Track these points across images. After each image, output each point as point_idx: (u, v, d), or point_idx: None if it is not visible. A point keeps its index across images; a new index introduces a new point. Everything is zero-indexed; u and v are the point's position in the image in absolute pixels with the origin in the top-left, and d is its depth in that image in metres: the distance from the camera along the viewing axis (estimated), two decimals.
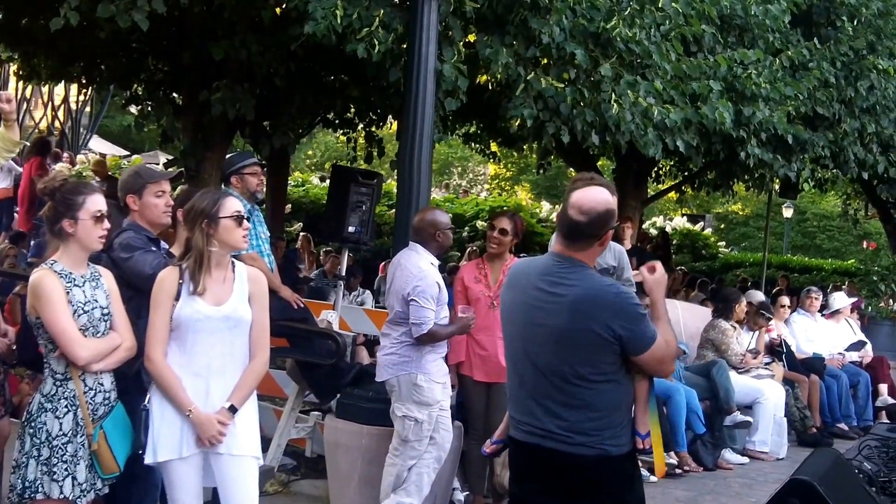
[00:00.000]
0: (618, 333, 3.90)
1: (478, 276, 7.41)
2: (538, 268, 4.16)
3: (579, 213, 3.99)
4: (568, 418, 3.98)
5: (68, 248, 4.70)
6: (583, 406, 3.97)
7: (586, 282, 3.99)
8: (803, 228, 42.49)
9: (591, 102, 8.80)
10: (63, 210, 4.67)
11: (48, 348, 4.62)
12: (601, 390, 3.97)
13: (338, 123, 12.78)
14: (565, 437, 3.98)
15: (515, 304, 4.20)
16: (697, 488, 9.01)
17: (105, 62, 10.82)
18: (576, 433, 3.97)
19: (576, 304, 3.94)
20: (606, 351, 3.94)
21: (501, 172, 43.69)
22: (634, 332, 3.93)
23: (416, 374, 6.48)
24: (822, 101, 12.43)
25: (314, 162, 42.76)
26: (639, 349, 3.96)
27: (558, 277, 4.02)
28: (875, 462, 6.65)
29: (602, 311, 3.91)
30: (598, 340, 3.91)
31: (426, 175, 7.49)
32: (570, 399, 3.98)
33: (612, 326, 3.89)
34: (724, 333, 10.62)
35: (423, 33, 7.33)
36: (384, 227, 19.93)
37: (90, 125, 27.17)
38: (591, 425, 3.97)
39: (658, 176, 17.56)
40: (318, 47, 8.29)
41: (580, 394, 3.96)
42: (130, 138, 31.22)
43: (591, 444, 3.97)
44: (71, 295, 4.59)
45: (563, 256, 4.07)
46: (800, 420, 11.27)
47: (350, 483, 7.00)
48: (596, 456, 3.97)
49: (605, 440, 3.98)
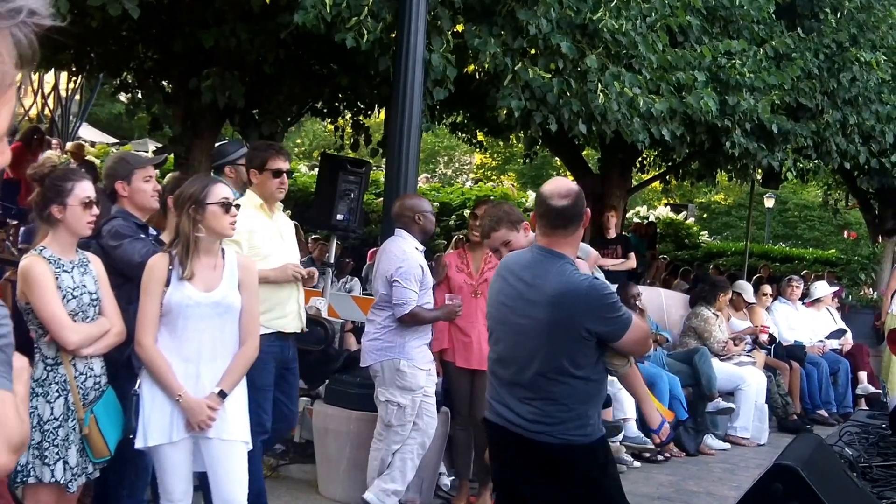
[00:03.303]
0: (594, 331, 4.00)
1: (460, 264, 7.45)
2: (522, 261, 4.25)
3: (560, 197, 4.11)
4: (536, 406, 4.07)
5: (57, 234, 4.71)
6: (552, 399, 4.05)
7: (561, 276, 4.06)
8: (785, 218, 42.56)
9: (577, 92, 8.84)
10: (52, 196, 4.67)
11: (38, 333, 4.63)
12: (573, 386, 4.05)
13: (325, 112, 12.79)
14: (529, 425, 4.07)
15: (500, 294, 4.29)
16: (680, 473, 9.10)
17: (95, 50, 10.79)
18: (541, 422, 4.05)
19: (553, 298, 4.03)
20: (582, 346, 4.03)
21: (487, 162, 43.66)
22: (608, 324, 4.03)
23: (399, 359, 6.53)
24: (805, 91, 12.53)
25: (302, 150, 42.64)
26: (615, 337, 4.05)
27: (540, 270, 4.11)
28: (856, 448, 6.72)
29: (576, 307, 4.00)
30: (575, 336, 4.00)
31: (414, 164, 7.53)
32: (541, 390, 4.06)
33: (587, 325, 3.98)
34: (706, 321, 10.71)
35: (412, 23, 7.36)
36: (372, 214, 19.94)
37: (80, 113, 26.98)
38: (557, 416, 4.05)
39: (642, 166, 17.64)
40: (307, 36, 8.29)
41: (552, 387, 4.04)
42: (120, 126, 31.02)
43: (554, 434, 4.04)
44: (60, 280, 4.60)
45: (544, 249, 4.16)
46: (781, 406, 11.38)
47: (338, 468, 7.06)
48: (560, 445, 4.05)
49: (571, 430, 4.05)
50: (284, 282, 6.05)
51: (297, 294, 6.19)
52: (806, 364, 12.02)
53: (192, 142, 9.91)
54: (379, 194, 19.78)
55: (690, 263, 23.98)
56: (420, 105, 7.57)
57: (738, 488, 8.41)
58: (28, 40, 1.26)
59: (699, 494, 8.52)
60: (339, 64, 10.14)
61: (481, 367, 7.11)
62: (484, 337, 7.09)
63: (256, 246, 5.97)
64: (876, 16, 13.95)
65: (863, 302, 16.60)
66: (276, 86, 10.41)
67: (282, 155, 6.18)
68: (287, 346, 6.14)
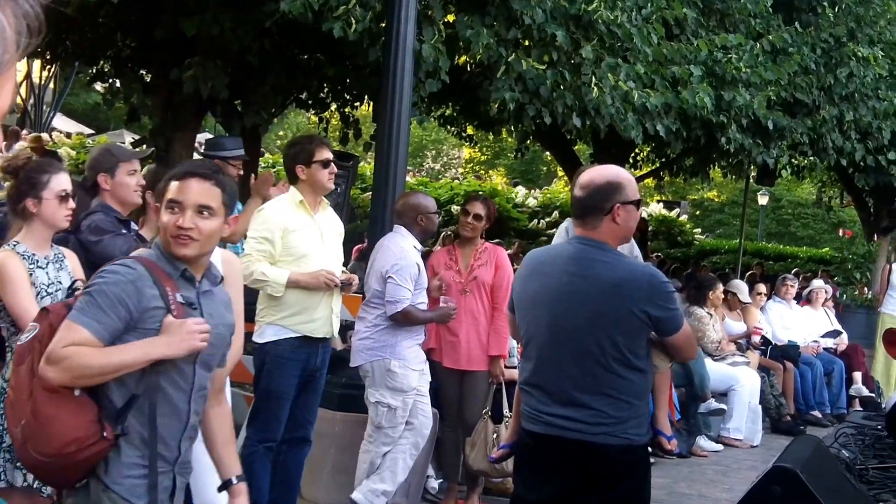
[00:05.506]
0: (654, 315, 3.92)
1: (448, 262, 7.31)
2: (565, 254, 4.15)
3: (578, 188, 4.07)
4: (595, 406, 3.94)
5: (32, 228, 4.58)
6: (611, 394, 3.95)
7: (620, 263, 4.02)
8: (778, 216, 42.71)
9: (571, 86, 8.79)
10: (26, 189, 4.55)
11: (10, 331, 4.49)
12: (630, 379, 3.96)
13: (311, 104, 12.64)
14: (591, 427, 3.95)
15: (545, 292, 4.12)
16: (672, 475, 9.00)
17: (70, 37, 10.57)
18: (602, 422, 3.94)
19: (612, 286, 3.95)
20: (641, 334, 3.97)
21: (476, 156, 43.60)
22: (669, 312, 3.97)
23: (389, 359, 6.37)
24: (802, 87, 12.50)
25: (285, 143, 42.47)
26: (672, 328, 3.99)
27: (590, 260, 4.01)
28: (851, 450, 6.62)
29: (637, 293, 3.93)
30: (635, 323, 3.92)
31: (403, 158, 7.40)
32: (599, 386, 3.95)
33: (648, 309, 3.91)
34: (699, 321, 10.58)
35: (402, 12, 7.21)
36: (358, 210, 19.81)
37: (54, 103, 26.73)
38: (617, 415, 3.95)
39: (635, 161, 17.56)
40: (293, 24, 8.15)
41: (610, 381, 3.95)
42: (96, 117, 30.80)
43: (616, 434, 3.95)
44: (34, 277, 4.48)
45: (584, 238, 4.06)
46: (774, 407, 11.30)
47: (322, 470, 6.92)
48: (620, 445, 3.96)
49: (630, 429, 3.97)
50: (317, 288, 5.92)
51: (331, 299, 6.03)
52: (800, 364, 11.94)
53: (172, 134, 9.73)
54: (365, 189, 19.66)
55: (683, 261, 23.90)
56: (410, 97, 7.44)
57: (730, 490, 8.36)
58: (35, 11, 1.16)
59: (691, 497, 8.45)
60: (326, 54, 10.01)
61: (469, 367, 7.02)
62: (472, 336, 7.01)
63: (291, 246, 5.87)
64: (874, 10, 13.96)
65: (858, 301, 16.54)
66: (260, 76, 10.24)
67: (325, 144, 6.11)
68: (315, 353, 5.98)
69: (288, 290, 5.82)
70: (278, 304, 5.87)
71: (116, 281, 3.18)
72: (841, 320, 13.93)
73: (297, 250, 5.88)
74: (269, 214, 5.95)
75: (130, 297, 3.16)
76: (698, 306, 10.71)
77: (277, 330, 5.90)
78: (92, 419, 3.14)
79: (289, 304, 5.86)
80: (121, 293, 3.15)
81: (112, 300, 3.14)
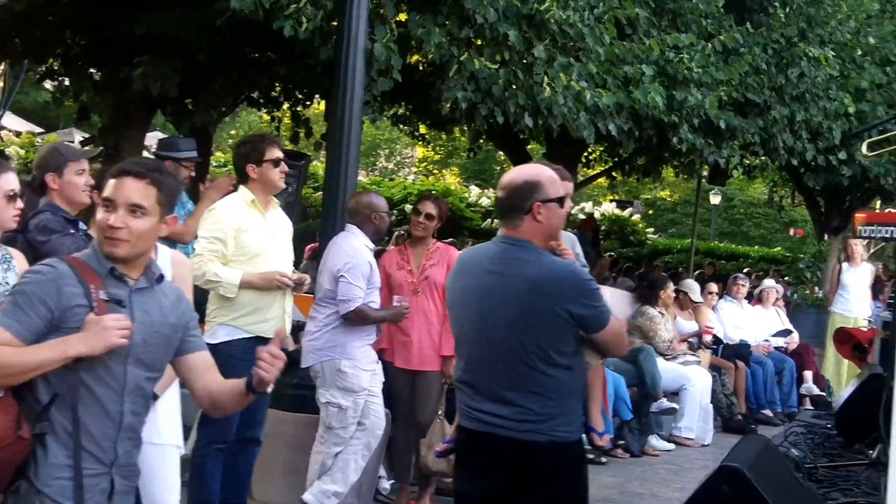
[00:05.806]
0: (576, 313, 3.87)
1: (400, 262, 7.29)
2: (489, 253, 4.13)
3: (500, 188, 4.09)
4: (522, 404, 3.92)
5: None
6: (537, 392, 3.92)
7: (541, 262, 3.96)
8: (730, 215, 42.97)
9: (523, 85, 8.79)
10: None
11: None
12: (556, 377, 3.93)
13: (262, 102, 12.57)
14: (518, 424, 3.92)
15: (469, 291, 4.12)
16: (624, 474, 9.01)
17: (20, 35, 10.43)
18: (528, 420, 3.91)
19: (533, 284, 3.91)
20: (566, 333, 3.91)
21: (430, 155, 43.55)
22: (592, 309, 3.92)
23: (340, 359, 6.33)
24: (753, 87, 12.58)
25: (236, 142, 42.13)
26: (598, 326, 3.95)
27: (510, 259, 3.98)
28: (801, 448, 6.67)
29: (559, 290, 3.89)
30: (557, 321, 3.88)
31: (355, 156, 7.38)
32: (525, 384, 3.92)
33: (570, 307, 3.87)
34: (651, 320, 10.60)
35: (354, 10, 7.18)
36: (310, 209, 19.72)
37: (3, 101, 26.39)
38: (544, 412, 3.91)
39: (588, 161, 17.60)
40: (244, 23, 8.08)
41: (536, 379, 3.91)
42: (46, 115, 30.40)
43: (543, 431, 3.92)
44: None
45: (507, 238, 4.04)
46: (726, 406, 11.36)
47: (274, 471, 6.87)
48: (548, 442, 3.92)
49: (558, 427, 3.94)
50: (269, 290, 5.91)
51: (284, 299, 6.03)
52: (751, 363, 12.00)
53: (121, 132, 9.63)
54: (317, 188, 19.57)
55: (636, 261, 24.00)
56: (361, 96, 7.43)
57: (682, 489, 8.37)
58: None
59: (643, 496, 8.45)
60: (277, 53, 9.96)
61: (422, 367, 7.01)
62: (423, 336, 6.99)
63: (244, 245, 5.85)
64: (825, 10, 14.06)
65: (808, 301, 16.69)
66: (211, 75, 10.16)
67: (276, 143, 6.14)
68: None
69: (241, 290, 5.78)
70: (231, 304, 5.85)
71: (37, 280, 3.15)
72: (792, 319, 14.01)
73: (249, 250, 5.85)
74: (220, 214, 5.91)
75: (50, 295, 3.12)
76: (650, 306, 10.73)
77: (230, 330, 5.87)
78: (12, 419, 3.09)
79: (242, 304, 5.84)
80: (40, 292, 3.11)
81: (31, 300, 3.10)
